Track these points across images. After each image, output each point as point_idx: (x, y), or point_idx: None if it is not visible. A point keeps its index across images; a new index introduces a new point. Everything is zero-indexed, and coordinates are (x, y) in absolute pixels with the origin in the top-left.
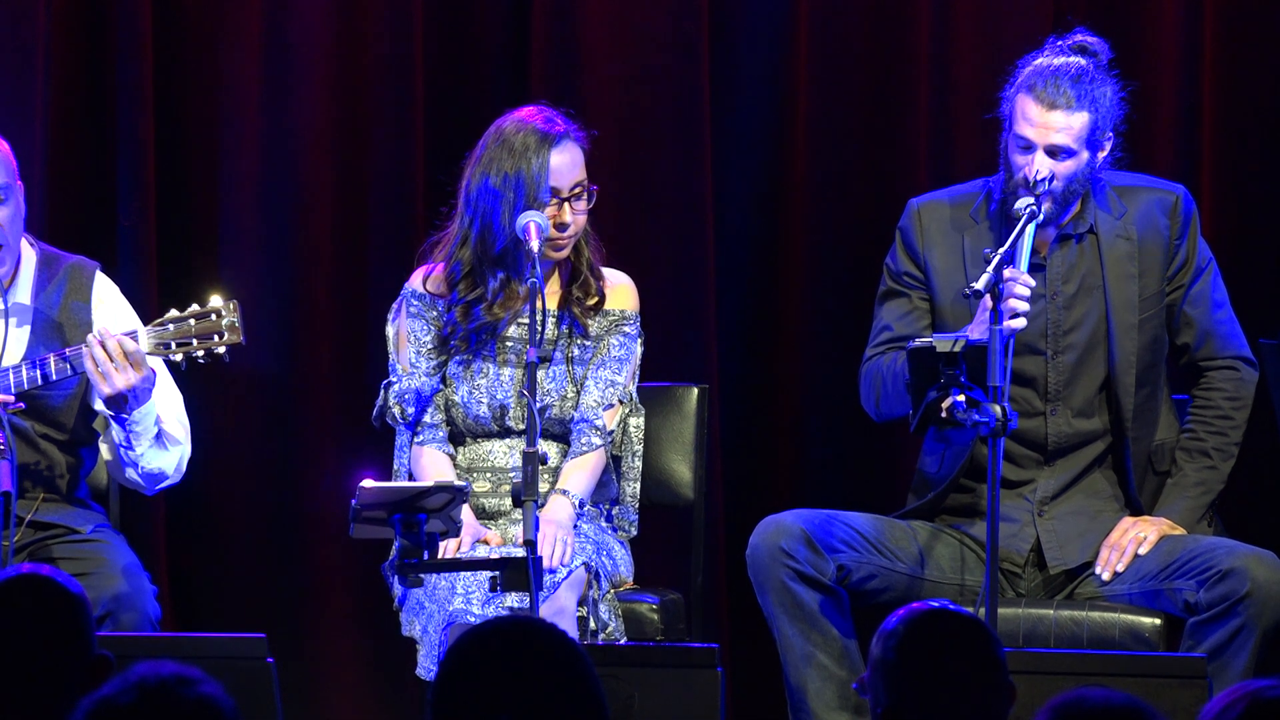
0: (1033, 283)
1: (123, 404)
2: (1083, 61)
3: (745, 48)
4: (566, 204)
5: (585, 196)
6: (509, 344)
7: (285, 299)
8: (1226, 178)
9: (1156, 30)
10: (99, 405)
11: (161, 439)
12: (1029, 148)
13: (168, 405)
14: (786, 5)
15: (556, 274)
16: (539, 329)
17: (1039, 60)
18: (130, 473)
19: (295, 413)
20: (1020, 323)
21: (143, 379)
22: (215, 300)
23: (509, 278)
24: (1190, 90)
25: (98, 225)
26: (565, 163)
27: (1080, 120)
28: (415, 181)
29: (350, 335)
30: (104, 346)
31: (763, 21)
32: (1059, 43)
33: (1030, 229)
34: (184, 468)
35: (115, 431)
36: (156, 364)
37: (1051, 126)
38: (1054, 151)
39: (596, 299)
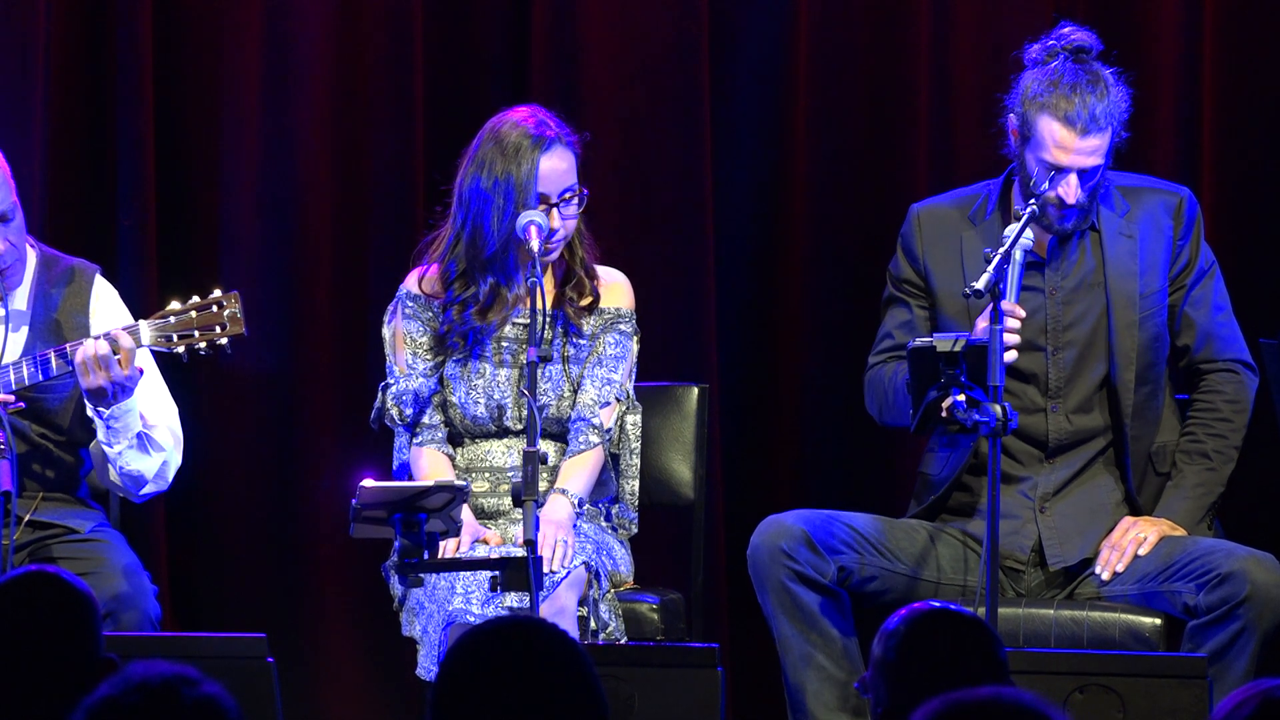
0: (1022, 313)
1: (104, 397)
2: (1096, 71)
3: (745, 48)
4: (555, 209)
5: (575, 201)
6: (505, 344)
7: (285, 299)
8: (1226, 178)
9: (1156, 30)
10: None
11: (144, 442)
12: (1061, 171)
13: (158, 411)
14: (786, 5)
15: (550, 273)
16: (539, 329)
17: (1047, 73)
18: (112, 473)
19: (295, 413)
20: (1010, 355)
21: (126, 376)
22: (216, 292)
23: (498, 283)
24: (1190, 90)
25: (98, 226)
26: (555, 168)
27: (1108, 137)
28: (415, 181)
29: (350, 335)
30: (94, 346)
31: (763, 21)
32: (1050, 42)
33: (1018, 255)
34: (170, 476)
35: (98, 428)
36: (151, 371)
37: (1085, 151)
38: (1085, 172)
39: (591, 298)
